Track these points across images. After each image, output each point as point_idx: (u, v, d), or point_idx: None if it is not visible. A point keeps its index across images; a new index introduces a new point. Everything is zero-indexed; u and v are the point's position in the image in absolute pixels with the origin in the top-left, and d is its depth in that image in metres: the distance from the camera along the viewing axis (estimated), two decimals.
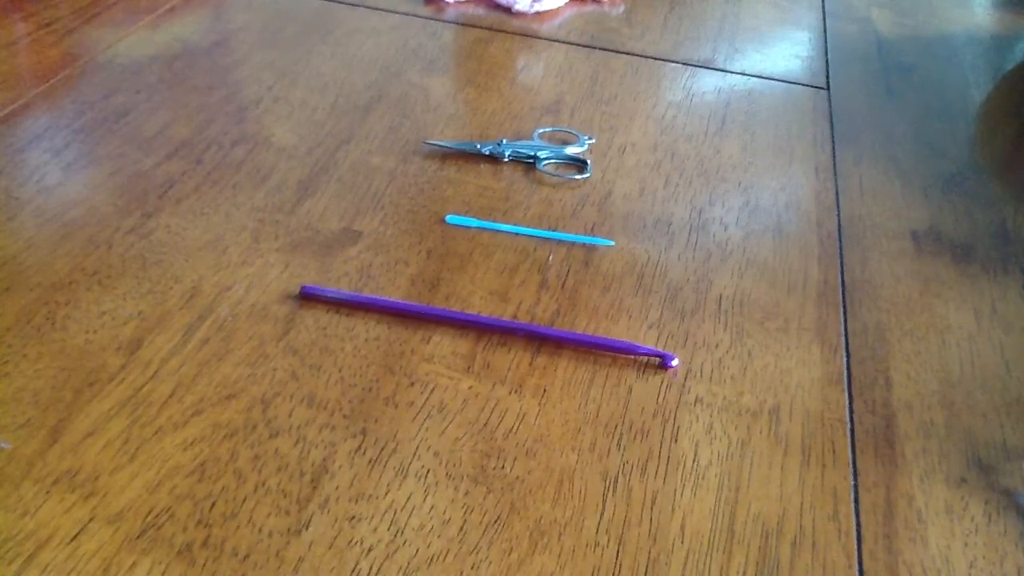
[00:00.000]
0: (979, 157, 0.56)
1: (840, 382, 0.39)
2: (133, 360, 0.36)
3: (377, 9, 0.65)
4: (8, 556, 0.29)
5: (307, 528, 0.31)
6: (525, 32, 0.64)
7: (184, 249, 0.42)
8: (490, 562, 0.30)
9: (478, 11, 0.66)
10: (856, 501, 0.34)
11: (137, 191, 0.45)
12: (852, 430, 0.37)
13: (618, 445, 0.35)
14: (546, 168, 0.50)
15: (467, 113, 0.54)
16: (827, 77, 0.63)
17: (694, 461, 0.35)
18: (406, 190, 0.47)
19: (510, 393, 0.37)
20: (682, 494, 0.33)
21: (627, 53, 0.63)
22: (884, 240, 0.48)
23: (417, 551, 0.30)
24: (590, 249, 0.45)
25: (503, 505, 0.32)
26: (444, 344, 0.39)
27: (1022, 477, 0.36)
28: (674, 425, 0.36)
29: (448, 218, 0.46)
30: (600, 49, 0.63)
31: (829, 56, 0.66)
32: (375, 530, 0.31)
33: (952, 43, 0.69)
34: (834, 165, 0.53)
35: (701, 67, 0.62)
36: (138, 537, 0.30)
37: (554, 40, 0.64)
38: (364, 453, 0.34)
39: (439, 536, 0.31)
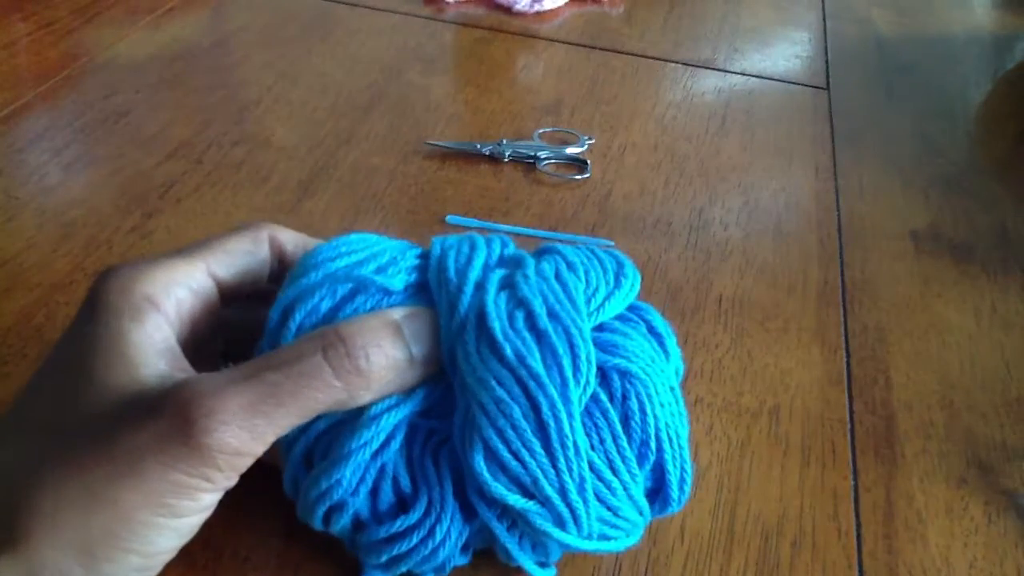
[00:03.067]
0: (979, 157, 0.56)
1: (840, 382, 0.39)
2: None
3: (377, 9, 0.65)
4: None
5: (307, 531, 0.31)
6: (525, 32, 0.64)
7: None
8: (491, 562, 0.30)
9: (478, 11, 0.66)
10: (856, 501, 0.34)
11: (137, 191, 0.46)
12: (852, 430, 0.37)
13: None
14: (546, 168, 0.50)
15: (467, 113, 0.54)
16: (827, 77, 0.63)
17: (694, 461, 0.35)
18: (406, 190, 0.47)
19: None
20: None
21: (627, 53, 0.63)
22: (884, 240, 0.48)
23: None
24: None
25: None
26: None
27: (1022, 477, 0.36)
28: None
29: (448, 218, 0.46)
30: (600, 49, 0.63)
31: (829, 56, 0.66)
32: None
33: (952, 43, 0.69)
34: (834, 165, 0.53)
35: (701, 67, 0.62)
36: None
37: (554, 40, 0.64)
38: None
39: None
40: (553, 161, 0.51)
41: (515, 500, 0.25)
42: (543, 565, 0.29)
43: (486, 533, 0.27)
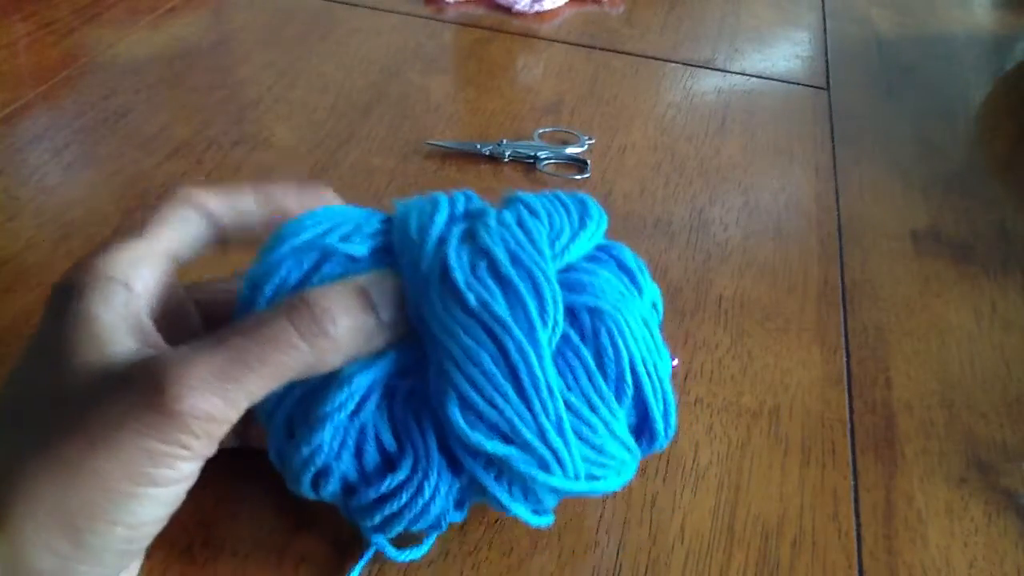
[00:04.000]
0: (979, 157, 0.56)
1: (840, 382, 0.39)
2: None
3: (377, 9, 0.65)
4: None
5: (308, 528, 0.31)
6: (525, 32, 0.64)
7: None
8: (490, 562, 0.30)
9: (478, 11, 0.66)
10: (856, 501, 0.34)
11: (137, 191, 0.46)
12: (852, 430, 0.37)
13: None
14: (546, 168, 0.50)
15: (467, 113, 0.54)
16: (827, 77, 0.63)
17: (694, 461, 0.35)
18: (406, 190, 0.47)
19: None
20: (682, 494, 0.33)
21: (627, 53, 0.63)
22: (884, 240, 0.48)
23: None
24: None
25: None
26: None
27: (1022, 477, 0.36)
28: None
29: None
30: (600, 49, 0.63)
31: (829, 56, 0.66)
32: None
33: (952, 43, 0.69)
34: (834, 165, 0.53)
35: (701, 67, 0.62)
36: None
37: (554, 40, 0.64)
38: None
39: (439, 536, 0.31)
40: (553, 161, 0.51)
41: (495, 447, 0.25)
42: (538, 513, 0.28)
43: (477, 486, 0.27)
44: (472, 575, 0.30)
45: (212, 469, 0.32)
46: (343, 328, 0.24)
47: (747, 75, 0.62)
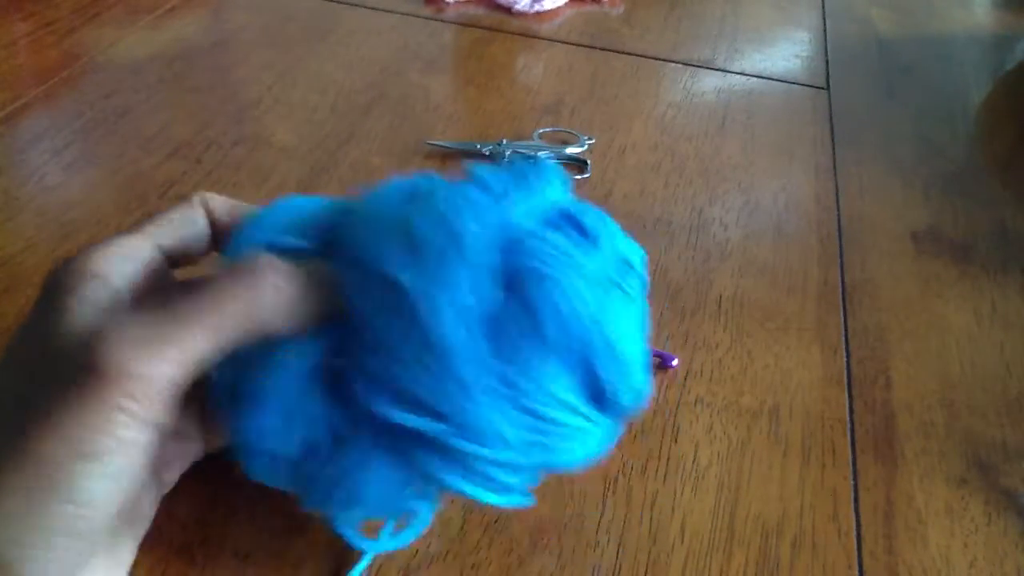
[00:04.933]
0: (979, 157, 0.56)
1: (840, 382, 0.39)
2: None
3: (377, 9, 0.65)
4: None
5: (306, 528, 0.31)
6: (525, 32, 0.64)
7: None
8: (490, 562, 0.30)
9: (478, 11, 0.66)
10: (856, 501, 0.34)
11: (137, 191, 0.46)
12: (852, 430, 0.37)
13: (618, 445, 0.35)
14: None
15: (467, 113, 0.54)
16: (827, 77, 0.63)
17: (694, 461, 0.35)
18: None
19: None
20: (682, 494, 0.33)
21: (627, 53, 0.63)
22: (884, 240, 0.48)
23: (417, 551, 0.30)
24: None
25: None
26: None
27: (1022, 477, 0.36)
28: (674, 425, 0.36)
29: None
30: (600, 49, 0.63)
31: (829, 56, 0.66)
32: None
33: (952, 43, 0.69)
34: (834, 165, 0.53)
35: (701, 67, 0.62)
36: None
37: (554, 40, 0.64)
38: None
39: (439, 536, 0.31)
40: (553, 161, 0.51)
41: (425, 424, 0.23)
42: (504, 494, 0.26)
43: (425, 473, 0.25)
44: (472, 575, 0.30)
45: (210, 469, 0.32)
46: (276, 286, 0.24)
47: (747, 75, 0.62)
